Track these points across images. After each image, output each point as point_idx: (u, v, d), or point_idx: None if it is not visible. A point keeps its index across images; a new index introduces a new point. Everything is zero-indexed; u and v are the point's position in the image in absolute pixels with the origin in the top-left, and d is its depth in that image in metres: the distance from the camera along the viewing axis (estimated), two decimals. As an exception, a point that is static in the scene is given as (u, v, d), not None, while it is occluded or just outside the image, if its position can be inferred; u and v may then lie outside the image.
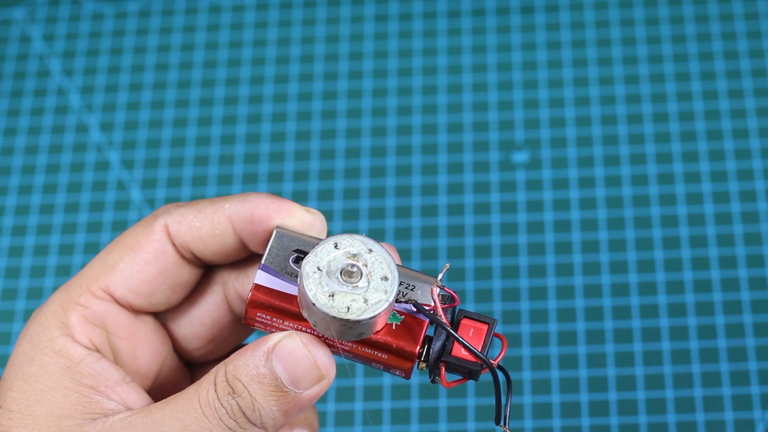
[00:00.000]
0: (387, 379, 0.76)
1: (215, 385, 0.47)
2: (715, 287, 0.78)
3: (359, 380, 0.76)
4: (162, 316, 0.52)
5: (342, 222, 0.81)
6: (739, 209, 0.80)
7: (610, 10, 0.87)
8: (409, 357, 0.47)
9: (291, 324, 0.48)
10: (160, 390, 0.52)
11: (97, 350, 0.49)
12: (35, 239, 0.82)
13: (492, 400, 0.75)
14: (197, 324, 0.53)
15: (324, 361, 0.47)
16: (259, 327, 0.49)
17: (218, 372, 0.47)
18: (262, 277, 0.48)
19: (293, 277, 0.48)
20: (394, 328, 0.47)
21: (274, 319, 0.48)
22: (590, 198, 0.81)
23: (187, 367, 0.54)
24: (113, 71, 0.88)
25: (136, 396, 0.49)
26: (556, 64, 0.86)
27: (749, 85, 0.84)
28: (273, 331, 0.48)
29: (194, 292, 0.52)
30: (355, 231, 0.82)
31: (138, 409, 0.48)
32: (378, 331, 0.47)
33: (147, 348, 0.51)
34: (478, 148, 0.83)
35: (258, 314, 0.48)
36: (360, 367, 0.76)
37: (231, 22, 0.89)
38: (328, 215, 0.80)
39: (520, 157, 0.83)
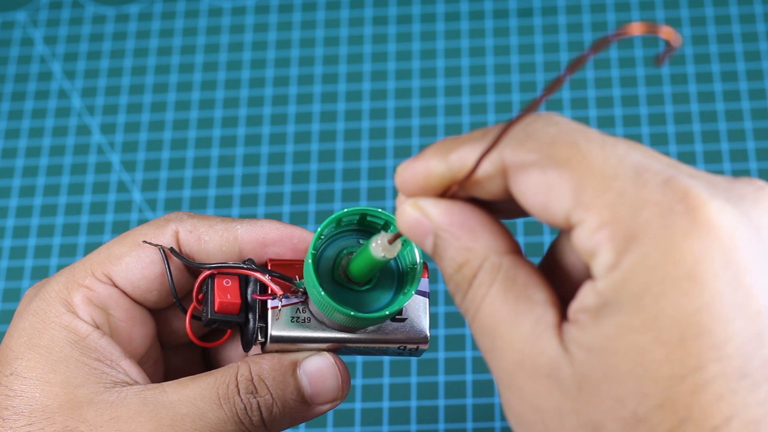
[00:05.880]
0: (387, 379, 0.76)
1: (237, 380, 0.49)
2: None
3: (359, 380, 0.76)
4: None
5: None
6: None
7: (607, 14, 0.88)
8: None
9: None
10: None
11: (98, 328, 0.51)
12: (37, 240, 0.82)
13: (492, 400, 0.76)
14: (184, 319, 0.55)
15: (347, 383, 0.51)
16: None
17: (240, 369, 0.50)
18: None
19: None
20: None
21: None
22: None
23: (162, 349, 0.56)
24: (114, 73, 0.88)
25: (136, 372, 0.51)
26: (553, 66, 0.86)
27: (746, 86, 0.84)
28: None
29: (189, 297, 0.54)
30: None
31: (151, 385, 0.50)
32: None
33: (141, 332, 0.53)
34: (476, 149, 0.83)
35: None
36: (360, 367, 0.76)
37: (231, 24, 0.90)
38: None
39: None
